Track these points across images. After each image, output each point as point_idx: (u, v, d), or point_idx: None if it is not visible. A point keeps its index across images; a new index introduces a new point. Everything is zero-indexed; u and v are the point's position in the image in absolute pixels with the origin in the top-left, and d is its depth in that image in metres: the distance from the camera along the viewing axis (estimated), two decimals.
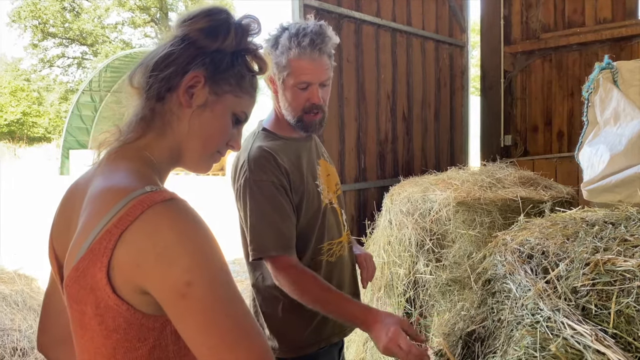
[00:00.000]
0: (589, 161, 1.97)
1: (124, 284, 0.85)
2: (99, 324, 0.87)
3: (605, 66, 1.96)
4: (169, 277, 0.83)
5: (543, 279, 1.20)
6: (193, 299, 0.83)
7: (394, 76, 4.55)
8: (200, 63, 0.99)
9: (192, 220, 0.87)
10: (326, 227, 1.75)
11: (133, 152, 0.99)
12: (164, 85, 0.99)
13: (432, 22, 5.00)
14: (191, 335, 0.85)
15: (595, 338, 1.02)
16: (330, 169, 1.88)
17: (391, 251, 3.25)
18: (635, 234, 1.24)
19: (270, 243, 1.58)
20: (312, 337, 1.73)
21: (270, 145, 1.68)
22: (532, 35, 5.37)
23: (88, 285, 0.86)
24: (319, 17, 3.76)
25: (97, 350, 0.89)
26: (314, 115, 1.69)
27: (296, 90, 1.65)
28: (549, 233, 1.34)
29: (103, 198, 0.90)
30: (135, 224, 0.84)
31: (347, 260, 1.86)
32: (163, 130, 1.01)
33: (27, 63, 35.25)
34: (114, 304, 0.85)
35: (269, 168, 1.61)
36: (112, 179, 0.93)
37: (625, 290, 1.08)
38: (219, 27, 1.00)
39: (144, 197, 0.86)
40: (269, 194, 1.60)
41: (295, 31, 1.61)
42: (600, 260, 1.14)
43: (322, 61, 1.64)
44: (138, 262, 0.84)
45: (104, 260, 0.84)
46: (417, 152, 4.88)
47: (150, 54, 1.03)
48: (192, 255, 0.84)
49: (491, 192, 3.08)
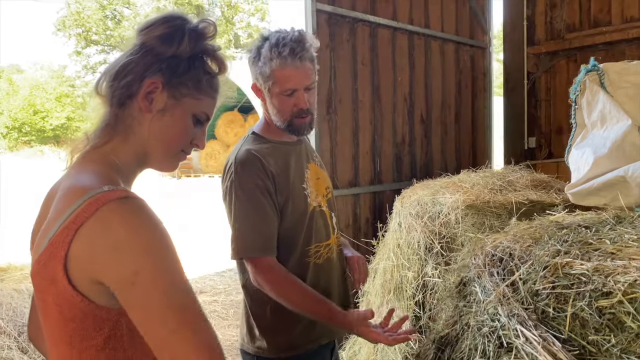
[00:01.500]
0: (576, 164, 1.94)
1: (79, 276, 0.91)
2: (59, 313, 0.94)
3: (591, 68, 1.92)
4: (119, 267, 0.89)
5: (508, 282, 1.20)
6: (141, 287, 0.89)
7: (411, 79, 4.53)
8: (157, 69, 1.04)
9: (142, 216, 0.92)
10: (313, 229, 1.79)
11: (98, 156, 1.06)
12: (125, 92, 1.05)
13: (452, 24, 4.96)
14: (141, 322, 0.91)
15: (543, 346, 1.02)
16: (320, 173, 1.91)
17: (400, 254, 3.25)
18: (603, 237, 1.22)
19: (250, 244, 1.65)
20: (300, 338, 1.77)
21: (258, 149, 1.74)
22: (557, 35, 5.26)
23: (49, 277, 0.92)
24: (332, 21, 3.80)
25: (58, 337, 0.96)
26: (303, 118, 1.75)
27: (283, 97, 1.71)
28: (520, 236, 1.34)
29: (66, 197, 0.97)
30: (89, 220, 0.90)
31: (336, 263, 1.89)
32: (126, 135, 1.07)
33: (71, 70, 36.69)
34: (70, 295, 0.91)
35: (254, 171, 1.67)
36: (76, 180, 1.00)
37: (580, 294, 1.08)
38: (174, 33, 1.05)
39: (100, 196, 0.92)
40: (252, 197, 1.65)
41: (275, 41, 1.67)
42: (559, 264, 1.13)
43: (304, 67, 1.69)
44: (92, 255, 0.90)
45: (61, 254, 0.91)
46: (436, 154, 4.85)
47: (113, 62, 1.09)
48: (140, 247, 0.90)
49: (501, 195, 3.04)
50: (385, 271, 3.34)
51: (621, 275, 1.02)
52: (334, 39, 3.85)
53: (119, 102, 1.05)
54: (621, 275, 1.02)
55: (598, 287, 1.05)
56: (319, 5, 3.68)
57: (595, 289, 1.05)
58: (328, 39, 3.80)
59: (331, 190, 1.94)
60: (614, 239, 1.19)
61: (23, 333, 3.23)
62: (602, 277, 1.05)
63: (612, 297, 1.01)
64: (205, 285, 6.30)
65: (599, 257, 1.11)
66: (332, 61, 3.85)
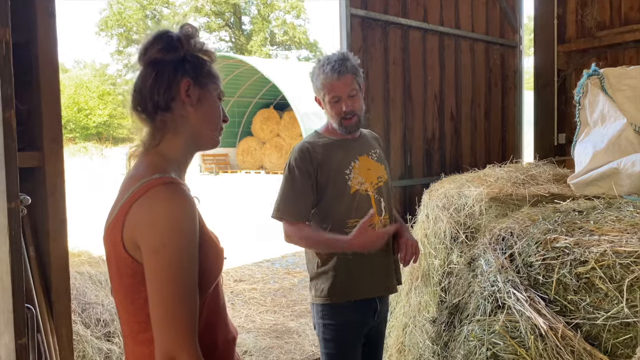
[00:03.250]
0: (579, 158, 2.14)
1: (130, 242, 1.17)
2: (117, 270, 1.21)
3: (592, 73, 2.12)
4: (152, 237, 1.13)
5: (506, 255, 1.44)
6: (163, 257, 1.12)
7: (441, 77, 4.73)
8: (182, 71, 1.29)
9: (179, 200, 1.17)
10: (353, 207, 2.19)
11: (152, 153, 1.30)
12: (167, 97, 1.28)
13: (482, 24, 5.12)
14: (152, 286, 1.14)
15: (530, 304, 1.26)
16: (373, 165, 2.30)
17: (427, 243, 3.47)
18: (590, 219, 1.45)
19: (282, 210, 2.20)
20: (339, 290, 2.18)
21: (312, 141, 2.25)
22: (587, 33, 5.35)
23: (112, 242, 1.20)
24: (365, 25, 4.04)
25: (118, 289, 1.24)
26: (349, 119, 2.20)
27: (332, 104, 2.19)
28: (521, 219, 1.57)
29: (126, 184, 1.25)
30: (140, 200, 1.17)
31: None
32: (176, 130, 1.31)
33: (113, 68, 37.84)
34: (124, 256, 1.18)
35: (302, 157, 2.20)
36: (134, 171, 1.27)
37: (564, 263, 1.31)
38: (170, 42, 1.29)
39: (150, 182, 1.19)
40: (294, 176, 2.19)
41: (322, 62, 2.19)
42: (549, 239, 1.36)
43: (345, 79, 2.15)
44: (137, 225, 1.16)
45: (120, 224, 1.18)
46: (466, 150, 5.03)
47: (138, 83, 1.31)
48: (173, 226, 1.13)
49: (524, 189, 3.21)
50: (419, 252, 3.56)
51: (595, 247, 1.24)
52: (366, 41, 4.09)
53: (165, 107, 1.29)
54: (595, 247, 1.24)
55: (577, 257, 1.27)
56: (352, 10, 3.93)
57: (575, 259, 1.28)
58: (361, 41, 4.05)
59: (382, 179, 2.31)
60: (598, 220, 1.41)
61: (86, 310, 3.61)
62: (580, 249, 1.28)
63: (587, 265, 1.24)
64: (244, 274, 6.65)
65: (581, 234, 1.34)
66: (365, 62, 4.09)
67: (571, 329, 1.25)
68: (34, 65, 2.40)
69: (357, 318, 2.23)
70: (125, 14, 32.00)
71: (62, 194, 2.43)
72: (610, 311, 1.19)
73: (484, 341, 1.26)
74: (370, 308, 2.25)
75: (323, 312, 2.24)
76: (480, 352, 1.25)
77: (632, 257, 1.18)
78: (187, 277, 1.14)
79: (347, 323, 2.21)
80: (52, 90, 2.41)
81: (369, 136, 2.43)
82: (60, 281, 2.48)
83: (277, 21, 34.56)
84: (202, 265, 1.22)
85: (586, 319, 1.24)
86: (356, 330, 2.24)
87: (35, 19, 2.35)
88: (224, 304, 1.37)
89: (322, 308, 2.24)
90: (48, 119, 2.40)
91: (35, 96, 2.42)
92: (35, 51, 2.39)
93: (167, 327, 1.11)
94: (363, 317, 2.24)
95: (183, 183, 1.22)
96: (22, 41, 2.45)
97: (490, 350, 1.24)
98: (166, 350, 1.11)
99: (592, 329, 1.23)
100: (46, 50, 2.39)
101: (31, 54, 2.42)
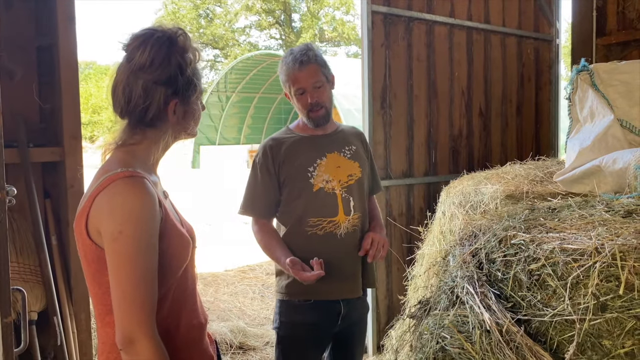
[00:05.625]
0: (568, 155, 2.08)
1: (93, 229, 1.27)
2: (84, 257, 1.32)
3: (581, 68, 2.04)
4: (110, 225, 1.22)
5: (468, 252, 1.45)
6: (120, 244, 1.21)
7: (469, 73, 4.67)
8: (171, 93, 1.35)
9: (138, 192, 1.25)
10: (316, 205, 2.15)
11: (123, 150, 1.38)
12: (151, 117, 1.35)
13: (514, 18, 5.01)
14: (111, 270, 1.23)
15: (481, 299, 1.28)
16: (343, 162, 2.23)
17: (443, 240, 3.45)
18: (556, 217, 1.44)
19: (247, 207, 2.25)
20: (297, 288, 2.15)
21: (278, 137, 2.24)
22: (629, 25, 5.12)
23: (78, 230, 1.31)
24: (387, 21, 4.05)
25: (87, 274, 1.34)
26: (317, 111, 2.16)
27: (297, 96, 2.15)
28: (492, 216, 1.57)
29: (95, 177, 1.35)
30: (103, 191, 1.26)
31: (344, 239, 2.18)
32: (157, 138, 1.40)
33: None
34: (88, 243, 1.28)
35: (264, 154, 2.20)
36: (104, 165, 1.37)
37: (520, 260, 1.31)
38: (163, 60, 1.34)
39: (114, 175, 1.28)
40: (256, 173, 2.22)
41: (285, 55, 2.16)
42: (509, 236, 1.37)
43: (308, 70, 2.10)
44: (99, 214, 1.25)
45: (85, 214, 1.28)
46: (496, 147, 4.94)
47: (117, 89, 1.36)
48: (129, 215, 1.22)
49: (541, 187, 3.15)
50: (430, 256, 3.57)
51: (546, 244, 1.25)
52: (389, 37, 4.09)
53: (149, 124, 1.36)
54: (546, 244, 1.25)
55: (530, 254, 1.28)
56: (374, 7, 3.94)
57: (529, 256, 1.28)
58: (383, 37, 4.06)
59: (353, 178, 2.23)
60: (563, 218, 1.40)
61: None
62: (534, 246, 1.28)
63: (539, 262, 1.25)
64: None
65: (540, 231, 1.34)
66: (387, 59, 4.10)
67: (520, 325, 1.26)
68: (56, 66, 2.58)
69: (316, 319, 2.16)
70: (179, 14, 32.92)
71: (81, 187, 2.60)
72: (557, 308, 1.20)
73: (434, 335, 1.29)
74: (332, 311, 2.17)
75: (280, 308, 2.22)
76: (431, 346, 1.28)
77: (576, 254, 1.17)
78: (144, 263, 1.22)
79: (304, 323, 2.17)
80: (72, 90, 2.58)
81: (349, 132, 2.35)
82: (79, 268, 2.65)
83: (327, 17, 34.62)
84: (167, 252, 1.31)
85: (536, 315, 1.24)
86: (313, 331, 2.18)
87: (57, 24, 2.52)
88: (193, 290, 1.46)
89: (280, 304, 2.22)
90: (68, 117, 2.57)
91: (57, 96, 2.59)
92: (57, 54, 2.56)
93: (125, 310, 1.20)
94: (323, 320, 2.18)
95: (146, 176, 1.31)
96: (45, 45, 2.63)
97: (439, 343, 1.26)
98: (124, 331, 1.20)
99: (541, 326, 1.23)
100: (66, 52, 2.56)
101: (53, 56, 2.60)
